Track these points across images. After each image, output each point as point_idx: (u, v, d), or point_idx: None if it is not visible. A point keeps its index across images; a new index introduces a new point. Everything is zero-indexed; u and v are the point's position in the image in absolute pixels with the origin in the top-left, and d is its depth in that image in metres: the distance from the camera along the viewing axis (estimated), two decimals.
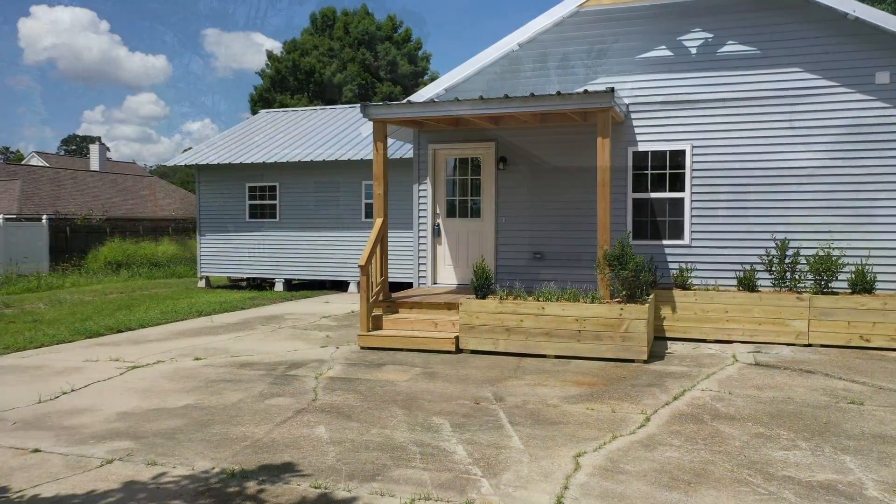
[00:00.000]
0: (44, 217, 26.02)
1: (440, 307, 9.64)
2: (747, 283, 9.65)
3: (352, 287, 17.09)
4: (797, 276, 9.57)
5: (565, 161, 11.01)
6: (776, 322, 9.33)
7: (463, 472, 4.75)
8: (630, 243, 8.76)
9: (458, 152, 11.65)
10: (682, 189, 10.48)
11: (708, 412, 6.18)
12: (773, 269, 9.65)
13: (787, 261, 9.63)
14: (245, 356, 8.88)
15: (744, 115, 10.17)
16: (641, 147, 10.62)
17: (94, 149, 48.92)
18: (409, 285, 16.38)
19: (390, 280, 17.14)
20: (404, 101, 9.87)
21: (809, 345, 9.23)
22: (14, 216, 31.77)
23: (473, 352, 8.96)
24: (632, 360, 8.37)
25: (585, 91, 8.85)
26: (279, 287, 17.82)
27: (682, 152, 10.46)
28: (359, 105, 9.47)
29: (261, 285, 19.11)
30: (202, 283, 18.87)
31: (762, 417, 6.01)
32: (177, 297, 15.80)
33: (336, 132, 18.65)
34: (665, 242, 10.58)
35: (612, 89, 8.72)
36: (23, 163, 49.74)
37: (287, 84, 42.41)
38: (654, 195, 10.60)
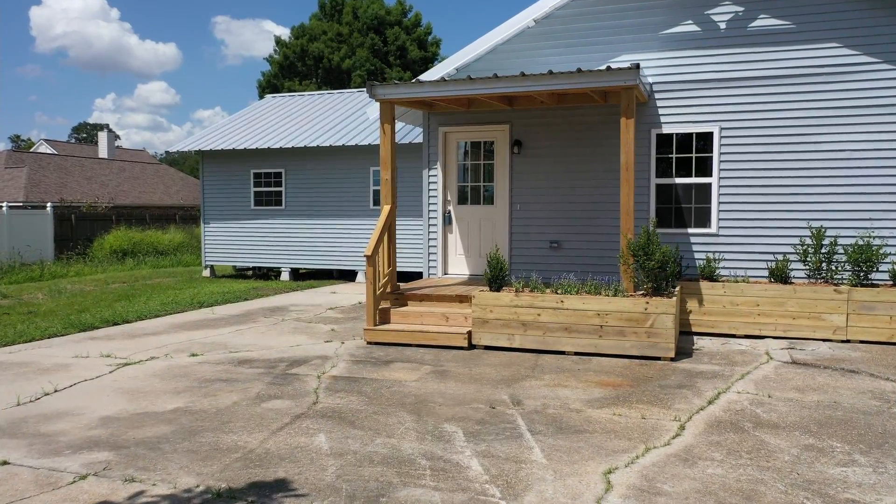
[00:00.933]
0: (48, 205, 25.61)
1: (451, 300, 9.07)
2: (780, 275, 9.02)
3: (359, 277, 16.56)
4: (834, 267, 8.93)
5: (584, 144, 10.38)
6: (812, 316, 8.70)
7: (479, 492, 4.19)
8: (656, 232, 8.14)
9: (471, 135, 11.05)
10: (708, 174, 9.84)
11: (748, 419, 5.59)
12: (808, 259, 9.02)
13: (823, 250, 8.99)
14: (244, 352, 8.36)
15: (777, 94, 9.49)
16: (666, 129, 9.96)
17: (102, 136, 48.50)
18: (419, 275, 15.83)
19: (399, 270, 16.65)
20: (413, 80, 9.26)
21: (847, 341, 8.61)
22: (20, 204, 31.47)
23: (487, 348, 8.40)
24: (658, 358, 7.78)
25: (608, 68, 8.21)
26: (285, 276, 17.31)
27: (710, 135, 9.80)
28: (365, 87, 8.86)
29: (266, 275, 18.62)
30: (207, 273, 18.39)
31: (809, 425, 5.42)
32: (179, 288, 15.32)
33: (343, 117, 18.06)
34: (690, 231, 9.95)
35: (638, 65, 8.08)
36: (31, 150, 49.46)
37: (295, 70, 41.81)
38: (678, 180, 9.97)
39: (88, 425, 5.54)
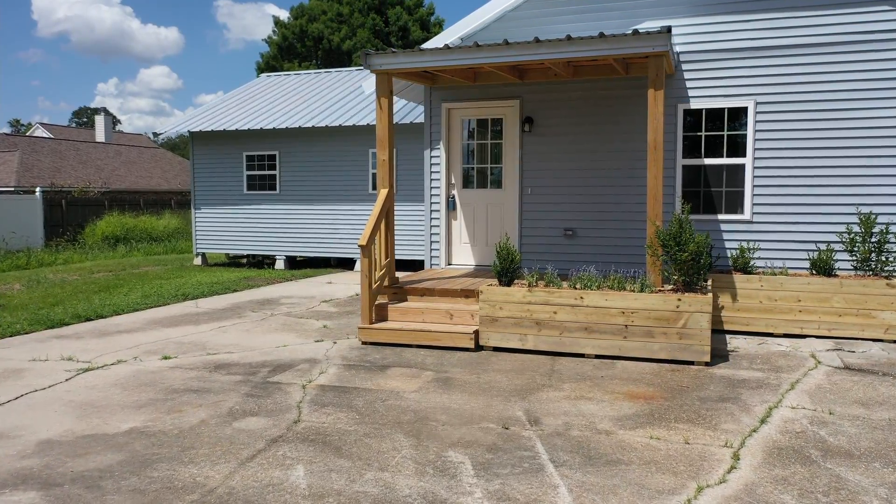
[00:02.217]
0: (37, 189, 24.68)
1: (456, 295, 8.14)
2: (823, 266, 8.06)
3: (358, 265, 15.61)
4: (885, 258, 7.97)
5: (603, 121, 9.38)
6: (860, 313, 7.75)
7: None
8: (689, 219, 7.17)
9: (477, 112, 10.06)
10: (742, 154, 8.85)
11: (813, 444, 4.66)
12: (856, 248, 8.05)
13: (873, 239, 8.03)
14: (224, 353, 7.44)
15: (820, 63, 8.48)
16: (694, 104, 8.97)
17: (99, 120, 47.51)
18: (421, 264, 14.90)
19: (399, 258, 15.66)
20: (414, 48, 8.27)
21: None
22: (11, 189, 30.54)
23: (496, 349, 7.48)
24: (691, 363, 6.85)
25: (635, 31, 7.21)
26: (280, 265, 16.38)
27: (744, 110, 8.80)
28: (360, 58, 7.89)
29: (261, 263, 17.70)
30: (198, 261, 17.47)
31: (890, 454, 4.48)
32: (167, 277, 14.41)
33: (341, 96, 17.05)
34: (721, 217, 8.98)
35: (669, 29, 7.08)
36: (28, 134, 48.48)
37: (294, 51, 40.69)
38: (708, 161, 8.98)
39: (22, 453, 4.63)
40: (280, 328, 8.86)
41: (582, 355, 7.18)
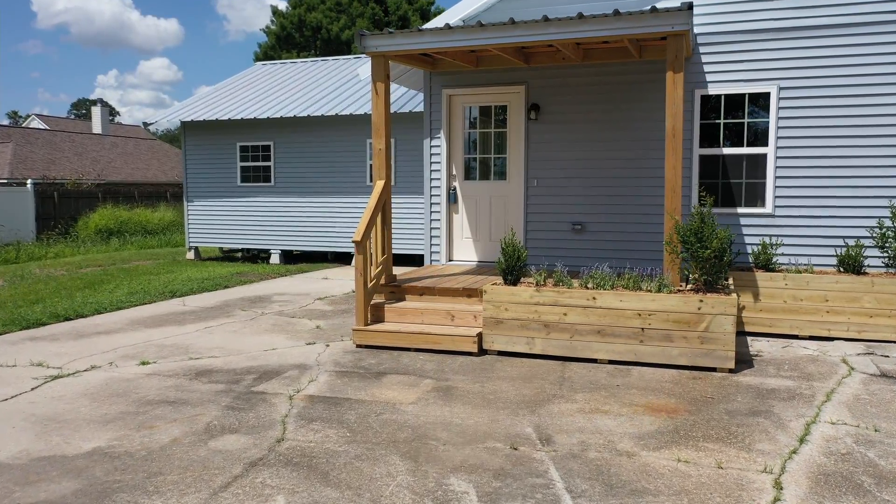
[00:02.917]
0: (29, 181, 24.12)
1: (458, 294, 7.58)
2: (851, 264, 7.50)
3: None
4: None
5: (614, 108, 8.80)
6: (894, 314, 7.20)
7: None
8: (711, 212, 6.60)
9: (480, 98, 9.47)
10: (763, 143, 8.27)
11: (863, 469, 4.11)
12: (888, 245, 7.48)
13: None
14: (207, 358, 6.89)
15: (850, 45, 7.89)
16: (712, 90, 8.39)
17: (95, 111, 46.71)
18: (420, 259, 14.35)
19: (399, 253, 15.15)
20: (412, 28, 7.68)
21: None
22: (5, 181, 29.96)
23: (501, 353, 6.93)
24: (713, 369, 6.30)
25: (653, 9, 6.62)
26: (275, 259, 15.82)
27: (766, 95, 8.22)
28: (356, 35, 7.32)
29: (258, 257, 17.16)
30: (191, 255, 16.92)
31: None
32: (157, 272, 13.86)
33: (338, 84, 16.44)
34: (740, 210, 8.41)
35: (691, 5, 6.49)
36: (23, 125, 47.84)
37: (293, 41, 40.03)
38: (726, 151, 8.41)
39: None
40: (270, 329, 8.31)
41: (594, 361, 6.63)
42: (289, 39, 40.10)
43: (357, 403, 5.42)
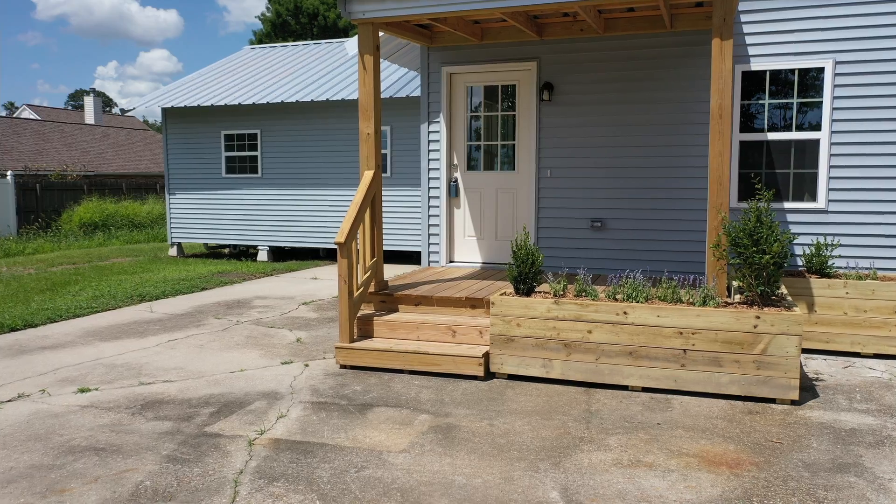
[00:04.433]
0: (9, 173, 22.95)
1: (460, 304, 6.45)
2: None
3: None
4: None
5: (640, 87, 7.64)
6: None
7: None
8: (770, 209, 5.45)
9: (485, 77, 8.31)
10: (816, 127, 7.12)
11: None
12: None
13: None
14: (160, 383, 5.77)
15: None
16: (755, 65, 7.22)
17: (88, 101, 45.51)
18: (417, 257, 13.22)
19: (394, 250, 13.98)
20: None
21: None
22: None
23: (511, 377, 5.80)
24: (772, 400, 5.17)
25: None
26: (263, 256, 14.68)
27: (819, 71, 7.06)
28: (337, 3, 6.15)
29: (244, 253, 16.03)
30: (173, 252, 15.78)
31: None
32: (132, 271, 12.72)
33: (330, 68, 15.26)
34: (787, 206, 7.27)
35: None
36: (14, 116, 46.62)
37: (289, 28, 38.83)
38: (771, 136, 7.25)
39: None
40: (243, 343, 7.18)
41: (625, 388, 5.50)
42: (284, 27, 38.90)
43: (334, 452, 4.29)
